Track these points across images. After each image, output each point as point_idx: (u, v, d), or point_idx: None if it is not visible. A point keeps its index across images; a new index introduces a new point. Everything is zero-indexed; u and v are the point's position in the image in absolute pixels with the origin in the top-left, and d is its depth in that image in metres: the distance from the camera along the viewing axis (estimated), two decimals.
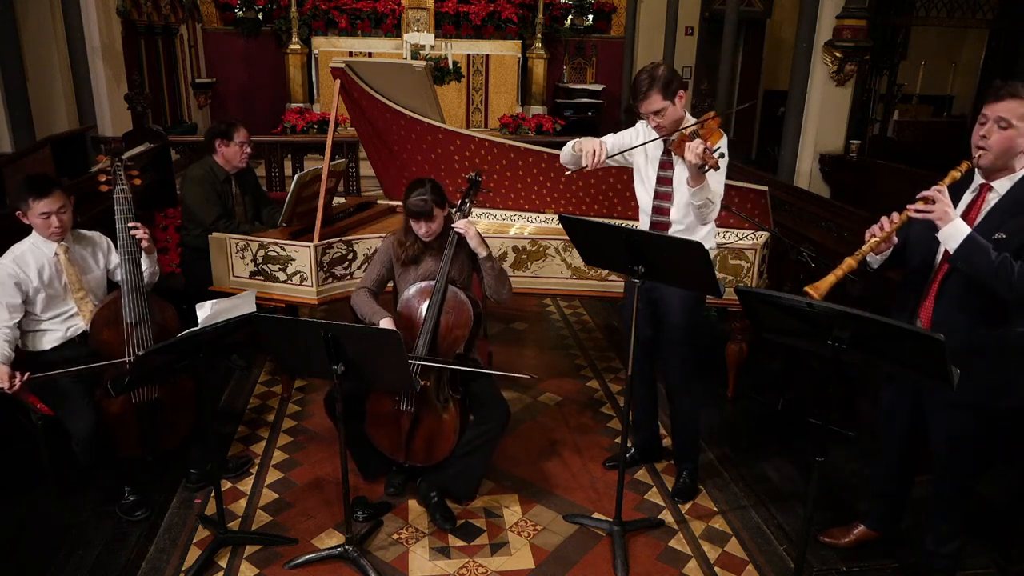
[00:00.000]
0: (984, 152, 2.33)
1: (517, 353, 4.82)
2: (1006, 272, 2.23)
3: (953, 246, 2.30)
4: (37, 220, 2.99)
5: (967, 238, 2.27)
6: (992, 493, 3.29)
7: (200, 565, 2.80)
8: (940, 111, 10.60)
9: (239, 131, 4.14)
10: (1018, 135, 2.28)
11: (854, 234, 4.49)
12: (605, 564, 2.89)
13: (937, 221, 2.31)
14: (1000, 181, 2.38)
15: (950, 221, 2.29)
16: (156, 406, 3.15)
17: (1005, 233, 2.30)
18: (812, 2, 6.93)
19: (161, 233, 5.41)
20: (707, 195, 2.82)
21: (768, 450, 3.70)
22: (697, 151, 2.63)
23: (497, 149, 4.27)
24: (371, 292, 3.21)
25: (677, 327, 3.10)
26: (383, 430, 3.16)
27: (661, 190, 3.03)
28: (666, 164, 3.01)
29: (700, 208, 2.87)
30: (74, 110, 6.90)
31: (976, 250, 2.26)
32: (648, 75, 2.86)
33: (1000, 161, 2.34)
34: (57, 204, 2.98)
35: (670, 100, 2.85)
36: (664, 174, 3.01)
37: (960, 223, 2.30)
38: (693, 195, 2.83)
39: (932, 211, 2.30)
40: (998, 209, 2.37)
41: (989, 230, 2.33)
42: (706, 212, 2.89)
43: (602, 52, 11.74)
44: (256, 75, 11.17)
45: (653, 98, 2.84)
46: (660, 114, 2.87)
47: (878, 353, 2.15)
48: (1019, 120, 2.27)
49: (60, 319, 3.11)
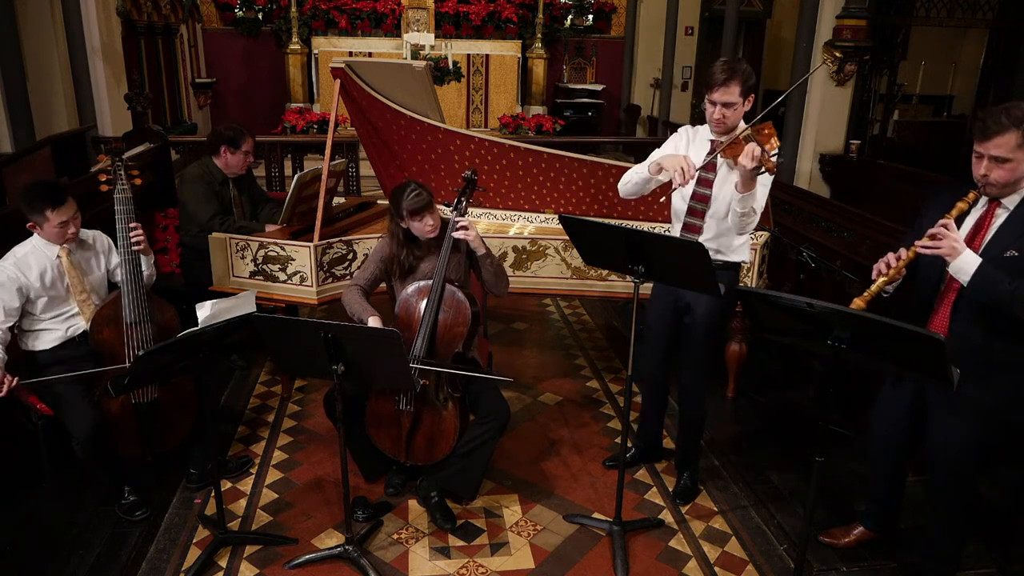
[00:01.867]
0: (990, 186, 2.32)
1: (517, 353, 4.82)
2: (1022, 297, 2.21)
3: (966, 279, 2.29)
4: (55, 229, 2.97)
5: (978, 270, 2.25)
6: (992, 493, 3.29)
7: (200, 565, 2.80)
8: (940, 111, 10.60)
9: (247, 141, 4.12)
10: (1019, 164, 2.25)
11: (854, 234, 4.49)
12: (605, 564, 2.89)
13: (946, 257, 2.29)
14: (1010, 198, 2.36)
15: (959, 255, 2.27)
16: (156, 406, 3.15)
17: (1017, 251, 2.29)
18: (812, 2, 6.93)
19: (161, 233, 5.41)
20: (752, 203, 2.76)
21: (768, 450, 3.70)
22: (755, 153, 2.56)
23: (497, 149, 4.27)
24: (363, 291, 3.21)
25: (702, 337, 3.07)
26: (383, 429, 3.16)
27: (700, 191, 2.94)
28: (710, 166, 2.90)
29: (743, 216, 2.78)
30: (74, 110, 6.90)
31: (989, 280, 2.25)
32: (731, 65, 2.77)
33: (1008, 189, 2.33)
34: (72, 211, 3.00)
35: (743, 98, 2.79)
36: (706, 176, 2.92)
37: (969, 255, 2.27)
38: (740, 201, 2.74)
39: (940, 247, 2.28)
40: (1008, 225, 2.35)
41: (1000, 247, 2.32)
42: (747, 221, 2.81)
43: (602, 52, 11.75)
44: (256, 75, 11.18)
45: (732, 89, 2.75)
46: (730, 108, 2.78)
47: (878, 353, 2.15)
48: (1014, 152, 2.24)
49: (60, 319, 3.10)
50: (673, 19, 10.44)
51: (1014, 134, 2.22)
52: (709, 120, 2.87)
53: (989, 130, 2.25)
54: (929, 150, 8.54)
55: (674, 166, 2.73)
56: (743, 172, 2.65)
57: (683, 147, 3.00)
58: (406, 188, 3.05)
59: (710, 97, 2.81)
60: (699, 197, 2.95)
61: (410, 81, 4.10)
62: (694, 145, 2.98)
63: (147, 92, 7.39)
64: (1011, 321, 2.30)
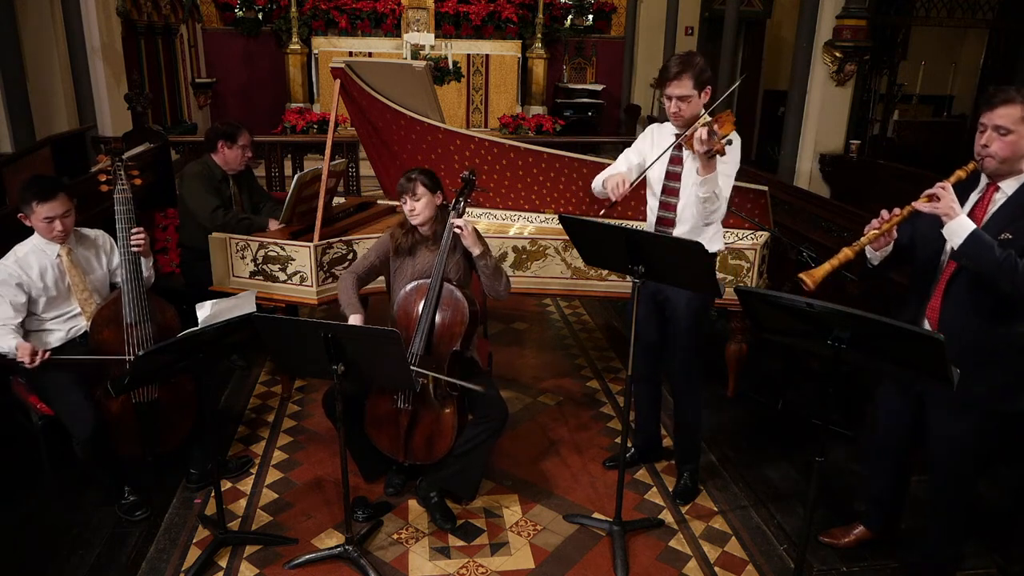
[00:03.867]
0: (988, 159, 2.33)
1: (517, 353, 4.82)
2: (1010, 268, 2.23)
3: (957, 242, 2.29)
4: (40, 224, 2.98)
5: (972, 234, 2.26)
6: (992, 493, 3.29)
7: (200, 565, 2.80)
8: (940, 111, 10.59)
9: (243, 135, 4.15)
10: (1019, 138, 2.27)
11: (854, 234, 4.48)
12: (605, 564, 2.89)
13: (943, 216, 2.30)
14: (1007, 181, 2.37)
15: (956, 216, 2.29)
16: (156, 406, 3.15)
17: (1012, 234, 2.30)
18: (812, 2, 6.93)
19: (161, 233, 5.41)
20: (714, 188, 2.79)
21: (768, 450, 3.70)
22: (702, 136, 2.61)
23: (497, 149, 4.27)
24: (358, 278, 3.23)
25: (684, 330, 3.09)
26: (382, 429, 3.16)
27: (669, 185, 3.01)
28: (676, 159, 2.98)
29: (705, 202, 2.83)
30: (74, 110, 6.89)
31: (980, 245, 2.26)
32: (683, 59, 2.84)
33: (1005, 166, 2.33)
34: (61, 208, 2.98)
35: (698, 90, 2.84)
36: (673, 169, 2.99)
37: (965, 219, 2.29)
38: (700, 185, 2.79)
39: (938, 206, 2.30)
40: (1005, 209, 2.36)
41: (996, 230, 2.33)
42: (710, 208, 2.85)
43: (602, 52, 11.74)
44: (256, 75, 11.17)
45: (684, 82, 2.81)
46: (684, 100, 2.84)
47: (878, 353, 2.15)
48: (1017, 124, 2.26)
49: (62, 319, 3.10)
50: (673, 19, 10.44)
51: (1019, 106, 2.25)
52: (668, 114, 2.95)
53: (996, 100, 2.29)
54: (929, 150, 8.55)
55: (611, 184, 2.91)
56: (698, 155, 2.72)
57: (648, 145, 3.09)
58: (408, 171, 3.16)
59: (665, 91, 2.89)
60: (669, 191, 3.02)
61: (410, 81, 4.10)
62: (659, 141, 3.05)
63: (147, 92, 7.38)
64: (1002, 304, 2.32)
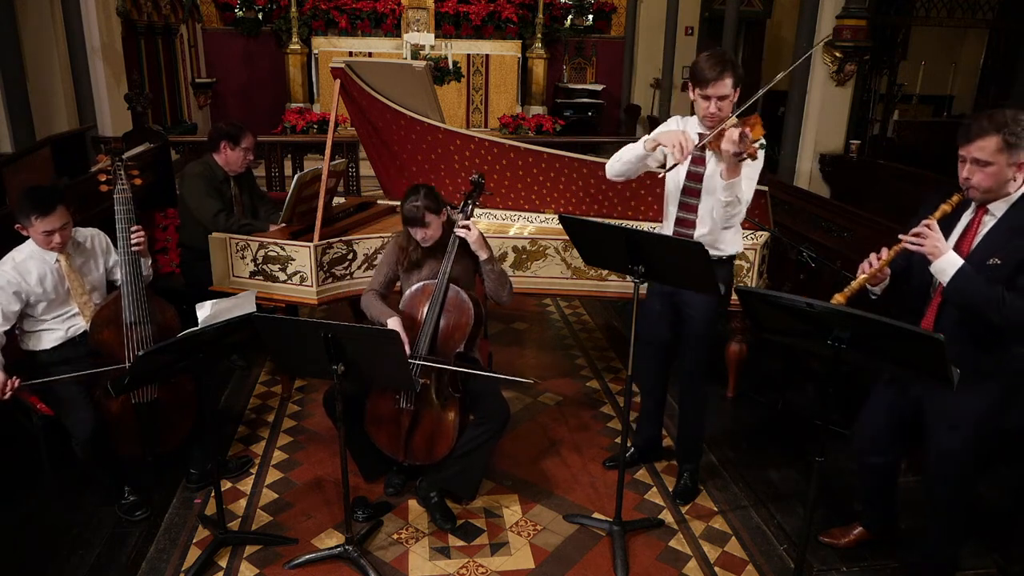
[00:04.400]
0: (972, 190, 2.34)
1: (517, 353, 4.82)
2: (997, 303, 2.25)
3: (945, 279, 2.32)
4: (39, 237, 2.96)
5: (959, 271, 2.29)
6: (992, 493, 3.29)
7: (200, 565, 2.80)
8: (940, 111, 10.60)
9: (246, 137, 4.13)
10: (1000, 168, 2.28)
11: (854, 234, 4.50)
12: (605, 564, 2.89)
13: (928, 255, 2.32)
14: (996, 204, 2.38)
15: (942, 255, 2.30)
16: (156, 406, 3.15)
17: (1000, 259, 2.31)
18: (812, 2, 6.93)
19: (161, 233, 5.41)
20: (737, 192, 2.75)
21: (768, 450, 3.70)
22: (734, 137, 2.55)
23: (497, 149, 4.27)
24: (379, 295, 3.22)
25: (699, 332, 3.07)
26: (383, 429, 3.16)
27: (690, 186, 2.94)
28: (698, 160, 2.90)
29: (727, 206, 2.78)
30: (74, 110, 6.89)
31: (968, 282, 2.28)
32: (722, 59, 2.74)
33: (991, 194, 2.35)
34: (59, 222, 2.95)
35: (735, 89, 2.78)
36: (695, 170, 2.92)
37: (952, 256, 2.31)
38: (724, 189, 2.73)
39: (923, 245, 2.31)
40: (995, 233, 2.37)
41: (986, 254, 2.34)
42: (731, 211, 2.81)
43: (602, 52, 11.74)
44: (256, 75, 11.17)
45: (727, 81, 2.74)
46: (724, 100, 2.77)
47: (878, 353, 2.15)
48: (995, 155, 2.26)
49: (61, 319, 3.10)
50: (673, 19, 10.43)
51: (995, 138, 2.25)
52: (703, 115, 2.85)
53: (971, 133, 2.29)
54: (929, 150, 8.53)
55: (672, 141, 2.65)
56: (725, 157, 2.64)
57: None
58: (410, 195, 3.05)
59: (703, 92, 2.78)
60: (689, 192, 2.96)
61: (410, 81, 4.10)
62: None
63: (147, 92, 7.38)
64: (990, 329, 2.33)
